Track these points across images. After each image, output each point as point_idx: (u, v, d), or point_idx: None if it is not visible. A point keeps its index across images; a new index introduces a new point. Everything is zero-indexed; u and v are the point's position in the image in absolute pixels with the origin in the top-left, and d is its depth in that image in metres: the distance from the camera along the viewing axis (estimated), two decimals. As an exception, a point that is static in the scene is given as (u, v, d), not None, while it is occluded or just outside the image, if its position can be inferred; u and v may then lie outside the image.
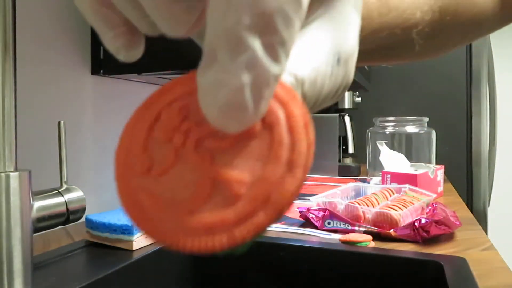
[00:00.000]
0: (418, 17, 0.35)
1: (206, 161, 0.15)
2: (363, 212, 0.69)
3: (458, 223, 0.66)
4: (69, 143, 0.76)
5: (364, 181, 1.26)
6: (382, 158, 1.13)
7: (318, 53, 0.19)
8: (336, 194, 0.82)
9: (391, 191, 0.83)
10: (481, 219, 1.68)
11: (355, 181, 1.25)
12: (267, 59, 0.14)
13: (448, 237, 0.65)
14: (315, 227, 0.70)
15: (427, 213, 0.71)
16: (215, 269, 0.65)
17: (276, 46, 0.14)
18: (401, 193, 0.83)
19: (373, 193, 0.79)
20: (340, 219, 0.68)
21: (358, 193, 0.89)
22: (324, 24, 0.20)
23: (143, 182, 0.16)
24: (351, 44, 0.21)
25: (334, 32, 0.20)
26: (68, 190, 0.51)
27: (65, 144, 0.51)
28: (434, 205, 0.70)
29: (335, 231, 0.69)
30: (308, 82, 0.18)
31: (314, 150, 0.15)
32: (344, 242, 0.62)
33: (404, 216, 0.67)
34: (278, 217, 0.14)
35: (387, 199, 0.79)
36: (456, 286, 0.46)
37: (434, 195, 0.84)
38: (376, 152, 1.23)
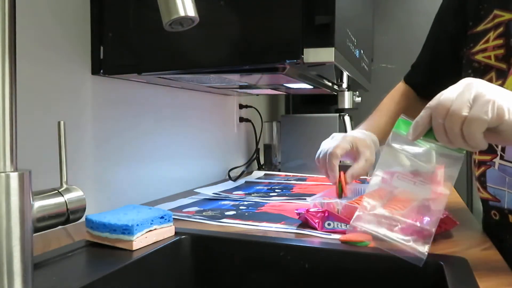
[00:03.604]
0: None
1: None
2: (363, 212, 0.69)
3: (456, 222, 0.66)
4: (69, 143, 0.76)
5: (364, 181, 1.26)
6: (382, 158, 1.13)
7: None
8: (331, 194, 0.82)
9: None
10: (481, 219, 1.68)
11: (355, 181, 1.25)
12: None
13: (448, 237, 0.65)
14: (315, 228, 0.70)
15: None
16: (215, 269, 0.65)
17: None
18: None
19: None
20: (340, 220, 0.68)
21: (355, 193, 0.89)
22: None
23: None
24: None
25: None
26: (68, 190, 0.51)
27: (65, 144, 0.51)
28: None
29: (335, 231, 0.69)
30: None
31: None
32: (344, 242, 0.62)
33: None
34: None
35: (382, 198, 0.79)
36: (456, 286, 0.46)
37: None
38: (376, 152, 1.22)
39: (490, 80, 0.68)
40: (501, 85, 0.66)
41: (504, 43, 0.66)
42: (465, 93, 0.47)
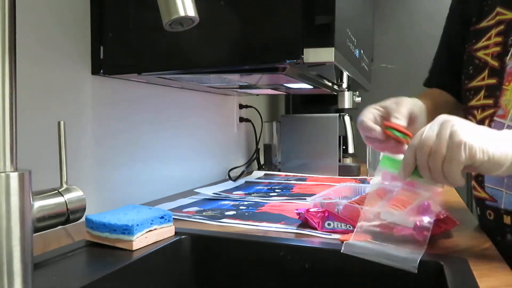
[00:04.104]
0: None
1: None
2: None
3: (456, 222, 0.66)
4: (69, 143, 0.76)
5: (364, 181, 1.26)
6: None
7: None
8: (330, 194, 0.82)
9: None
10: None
11: (355, 181, 1.25)
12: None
13: (448, 237, 0.65)
14: (315, 228, 0.70)
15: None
16: (215, 269, 0.65)
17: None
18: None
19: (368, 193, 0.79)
20: (340, 220, 0.68)
21: (354, 193, 0.89)
22: None
23: None
24: None
25: None
26: (68, 190, 0.51)
27: (65, 144, 0.51)
28: (434, 205, 0.70)
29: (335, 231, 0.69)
30: None
31: None
32: (344, 242, 0.62)
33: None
34: None
35: (382, 198, 0.79)
36: (456, 286, 0.46)
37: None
38: (376, 152, 1.23)
39: (483, 79, 0.68)
40: (497, 84, 0.66)
41: (502, 41, 0.66)
42: (442, 132, 0.51)
